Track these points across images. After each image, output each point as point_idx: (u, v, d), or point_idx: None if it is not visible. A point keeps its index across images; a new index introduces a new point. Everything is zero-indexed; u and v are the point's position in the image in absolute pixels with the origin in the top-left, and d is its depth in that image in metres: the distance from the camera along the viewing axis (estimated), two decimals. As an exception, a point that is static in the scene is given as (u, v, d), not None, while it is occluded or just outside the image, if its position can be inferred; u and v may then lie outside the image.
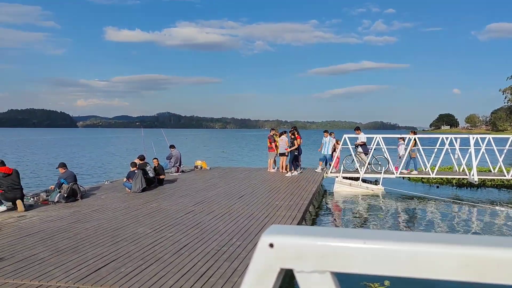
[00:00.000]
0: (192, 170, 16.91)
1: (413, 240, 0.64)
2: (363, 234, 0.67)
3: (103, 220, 7.88)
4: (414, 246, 0.63)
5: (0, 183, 8.71)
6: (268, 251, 0.69)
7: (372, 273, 0.65)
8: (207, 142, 78.40)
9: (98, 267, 5.22)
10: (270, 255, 0.68)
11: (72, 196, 9.87)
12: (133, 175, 11.35)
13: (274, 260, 0.68)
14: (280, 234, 0.69)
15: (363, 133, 16.56)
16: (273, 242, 0.68)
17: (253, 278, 0.70)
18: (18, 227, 7.41)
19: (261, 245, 0.69)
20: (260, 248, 0.69)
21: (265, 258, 0.69)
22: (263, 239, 0.69)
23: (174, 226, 7.38)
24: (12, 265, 5.29)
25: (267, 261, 0.69)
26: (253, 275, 0.70)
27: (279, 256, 0.68)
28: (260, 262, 0.69)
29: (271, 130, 17.31)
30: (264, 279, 0.69)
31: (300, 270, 0.67)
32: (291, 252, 0.68)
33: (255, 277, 0.70)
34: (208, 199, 10.19)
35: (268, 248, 0.69)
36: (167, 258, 5.58)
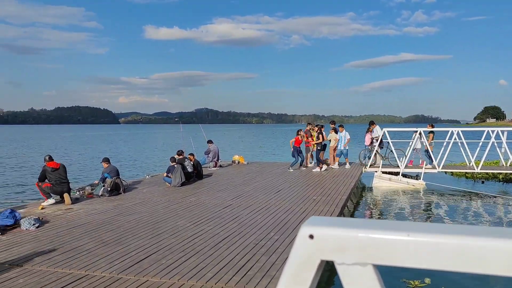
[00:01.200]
0: (230, 165, 17.07)
1: (460, 233, 0.61)
2: (407, 227, 0.65)
3: (145, 213, 8.11)
4: (461, 239, 0.61)
5: (49, 177, 9.13)
6: (308, 242, 0.68)
7: (416, 266, 0.63)
8: (244, 137, 78.86)
9: (140, 258, 5.39)
10: (310, 246, 0.68)
11: (115, 190, 10.22)
12: (172, 170, 11.60)
13: (314, 252, 0.68)
14: (320, 225, 0.69)
15: (378, 127, 16.43)
16: (313, 233, 0.68)
17: (293, 269, 0.70)
18: (66, 219, 7.76)
19: (301, 236, 0.69)
20: (300, 239, 0.69)
21: (305, 249, 0.68)
22: (303, 230, 0.69)
23: (212, 220, 7.49)
24: (61, 255, 5.55)
25: (307, 252, 0.68)
26: (293, 266, 0.70)
27: (319, 247, 0.67)
28: (300, 253, 0.69)
29: (307, 124, 17.17)
30: (304, 270, 0.69)
31: (341, 262, 0.66)
32: (331, 243, 0.67)
33: (295, 268, 0.69)
34: (245, 194, 10.27)
35: (308, 239, 0.68)
36: (206, 251, 5.68)
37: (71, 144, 53.74)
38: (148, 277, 4.74)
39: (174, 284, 4.53)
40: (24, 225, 6.97)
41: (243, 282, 4.52)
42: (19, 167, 25.39)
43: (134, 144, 54.09)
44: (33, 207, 8.89)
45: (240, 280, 4.59)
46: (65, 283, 4.60)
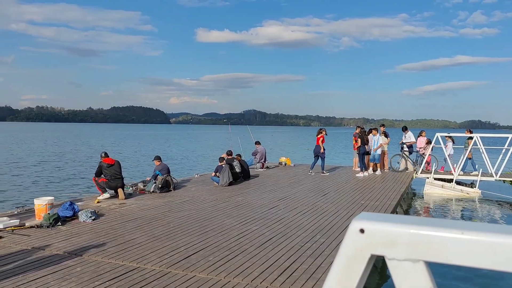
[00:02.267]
0: (277, 167, 17.11)
1: None
2: (461, 225, 0.65)
3: (193, 211, 8.33)
4: None
5: (105, 173, 9.60)
6: (358, 237, 0.70)
7: (469, 265, 0.63)
8: (291, 139, 78.63)
9: (189, 254, 5.54)
10: (361, 240, 0.69)
11: (165, 187, 10.56)
12: (221, 170, 11.81)
13: (365, 246, 0.69)
14: (371, 220, 0.70)
15: (411, 133, 16.24)
16: (364, 228, 0.69)
17: (343, 262, 0.71)
18: (120, 213, 8.12)
19: (351, 230, 0.70)
20: (350, 233, 0.71)
21: (356, 243, 0.70)
22: (353, 224, 0.71)
23: (259, 220, 7.56)
24: (114, 247, 5.83)
25: (357, 246, 0.70)
26: (343, 259, 0.71)
27: (370, 242, 0.69)
28: (350, 247, 0.70)
29: (357, 128, 16.84)
30: (354, 264, 0.70)
31: (392, 258, 0.67)
32: (382, 238, 0.68)
33: (345, 261, 0.71)
34: (292, 195, 10.26)
35: (359, 233, 0.70)
36: (252, 250, 5.74)
37: (126, 142, 56.08)
38: (195, 272, 4.87)
39: (220, 281, 4.62)
40: (81, 217, 7.38)
41: (288, 283, 4.54)
42: (79, 162, 26.89)
43: (184, 144, 55.55)
44: (89, 200, 9.38)
45: (285, 281, 4.60)
46: (118, 273, 4.82)
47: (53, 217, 7.01)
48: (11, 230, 6.62)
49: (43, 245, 5.91)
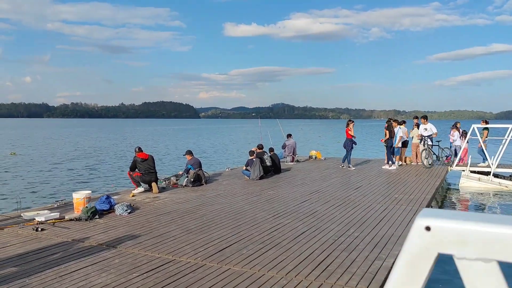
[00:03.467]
0: (307, 160, 17.00)
1: None
2: None
3: (226, 204, 8.40)
4: None
5: (139, 167, 9.81)
6: (424, 234, 0.67)
7: None
8: (321, 132, 77.96)
9: (222, 247, 5.60)
10: (427, 238, 0.67)
11: (197, 181, 10.69)
12: (251, 163, 11.85)
13: (431, 244, 0.67)
14: (438, 217, 0.67)
15: (431, 124, 15.14)
16: (430, 225, 0.67)
17: (408, 261, 0.69)
18: (154, 206, 8.29)
19: (416, 227, 0.68)
20: (415, 231, 0.68)
21: (422, 241, 0.67)
22: (418, 221, 0.68)
23: (291, 214, 7.54)
24: (150, 240, 5.96)
25: (423, 244, 0.67)
26: (408, 258, 0.69)
27: (437, 240, 0.66)
28: (415, 245, 0.68)
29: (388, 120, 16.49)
30: (420, 263, 0.68)
31: (462, 257, 0.65)
32: (451, 236, 0.65)
33: (410, 260, 0.69)
34: (323, 189, 10.18)
35: (424, 231, 0.67)
36: (286, 244, 5.74)
37: (158, 137, 57.13)
38: (230, 265, 4.92)
39: (254, 274, 4.65)
40: (118, 210, 7.58)
41: (323, 277, 4.51)
42: (115, 156, 27.61)
43: (214, 138, 56.05)
44: (125, 194, 9.61)
45: (320, 275, 4.58)
46: (155, 265, 4.93)
47: (91, 210, 7.23)
48: (52, 223, 6.87)
49: (82, 237, 6.11)
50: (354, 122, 14.77)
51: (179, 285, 4.33)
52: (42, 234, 6.27)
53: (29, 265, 4.96)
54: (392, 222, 6.94)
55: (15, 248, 5.61)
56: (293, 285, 4.32)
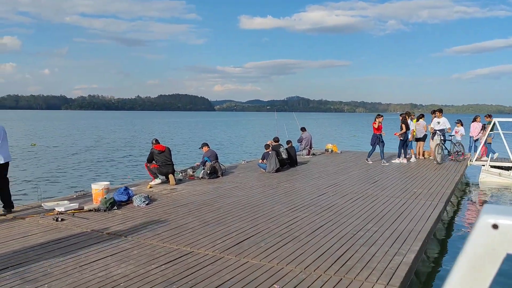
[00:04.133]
0: (323, 153, 16.88)
1: None
2: None
3: (242, 197, 8.38)
4: None
5: (156, 159, 9.85)
6: (491, 233, 0.61)
7: None
8: (337, 125, 77.39)
9: (240, 240, 5.58)
10: (495, 237, 0.61)
11: (214, 173, 10.70)
12: (267, 156, 11.81)
13: (499, 244, 0.61)
14: (506, 214, 0.61)
15: (445, 118, 14.67)
16: (497, 223, 0.61)
17: (472, 262, 0.63)
18: (171, 198, 8.32)
19: (482, 225, 0.62)
20: (480, 229, 0.62)
21: (488, 240, 0.61)
22: (483, 218, 0.62)
23: (308, 207, 7.48)
24: (167, 232, 5.98)
25: (489, 244, 0.61)
26: (471, 259, 0.63)
27: (506, 239, 0.60)
28: (480, 244, 0.62)
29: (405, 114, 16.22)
30: (486, 263, 0.62)
31: None
32: None
33: (474, 261, 0.63)
34: (340, 183, 10.08)
35: (491, 229, 0.61)
36: (304, 237, 5.69)
37: (174, 129, 57.48)
38: (248, 258, 4.90)
39: (273, 267, 4.62)
40: (136, 201, 7.63)
41: (343, 272, 4.46)
42: (132, 148, 27.87)
43: (229, 130, 56.14)
44: (142, 185, 9.68)
45: (339, 270, 4.53)
46: (173, 257, 4.94)
47: (110, 201, 7.29)
48: (72, 213, 6.95)
49: (101, 228, 6.16)
50: (383, 117, 14.15)
51: (197, 277, 4.33)
52: (62, 224, 6.35)
53: (50, 254, 5.02)
54: (412, 217, 6.83)
55: (36, 238, 5.69)
56: (312, 280, 4.28)
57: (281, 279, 4.27)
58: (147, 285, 4.12)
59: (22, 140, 34.70)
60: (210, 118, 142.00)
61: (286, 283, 4.17)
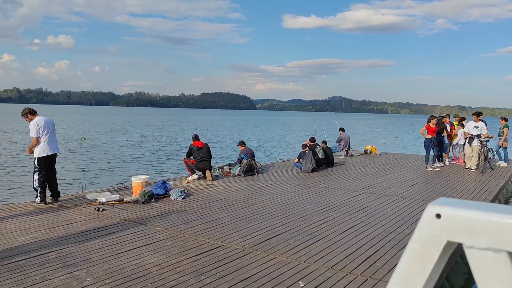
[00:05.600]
0: (361, 155, 16.65)
1: None
2: None
3: (276, 195, 8.48)
4: None
5: (194, 155, 10.14)
6: (434, 222, 0.68)
7: None
8: (379, 127, 75.72)
9: (270, 236, 5.68)
10: (437, 226, 0.68)
11: (250, 170, 10.86)
12: (304, 156, 11.83)
13: (441, 232, 0.67)
14: (449, 205, 0.68)
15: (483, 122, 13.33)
16: (440, 213, 0.67)
17: (417, 247, 0.70)
18: (207, 193, 8.55)
19: (427, 214, 0.69)
20: (425, 218, 0.69)
21: (431, 228, 0.68)
22: (429, 208, 0.69)
23: (341, 208, 7.47)
24: (201, 225, 6.18)
25: (433, 231, 0.68)
26: (417, 245, 0.70)
27: (447, 227, 0.67)
28: (425, 232, 0.69)
29: (451, 116, 15.71)
30: (429, 249, 0.69)
31: (471, 246, 0.65)
32: (461, 225, 0.65)
33: (419, 247, 0.70)
34: (376, 184, 9.95)
35: (435, 218, 0.68)
36: (333, 237, 5.71)
37: (215, 127, 58.42)
38: (276, 254, 4.99)
39: (300, 264, 4.69)
40: (173, 195, 7.91)
41: (370, 272, 4.46)
42: (173, 143, 28.68)
43: (268, 129, 56.33)
44: (180, 180, 9.99)
45: (366, 270, 4.53)
46: (204, 250, 5.12)
47: (148, 194, 7.60)
48: (112, 204, 7.32)
49: (139, 219, 6.46)
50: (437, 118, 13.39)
51: (226, 270, 4.48)
52: (103, 214, 6.70)
53: (90, 241, 5.34)
54: (447, 222, 6.66)
55: (78, 225, 6.06)
56: (338, 278, 4.31)
57: (306, 276, 4.33)
58: (177, 275, 4.31)
59: (73, 134, 36.54)
60: (250, 116, 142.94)
61: (311, 280, 4.23)
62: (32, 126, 7.27)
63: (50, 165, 7.49)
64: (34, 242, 5.28)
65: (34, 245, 5.16)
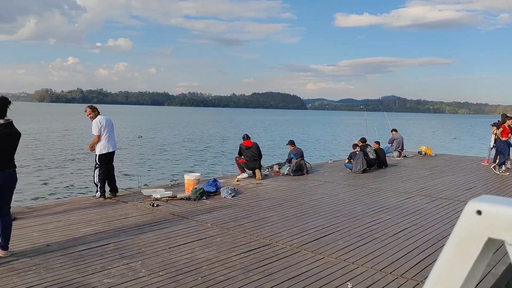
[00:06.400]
0: (415, 156, 16.08)
1: None
2: None
3: (325, 195, 8.41)
4: None
5: (244, 154, 10.29)
6: (475, 218, 0.68)
7: None
8: (435, 127, 72.60)
9: (318, 236, 5.67)
10: (477, 222, 0.68)
11: (299, 170, 10.84)
12: (354, 156, 11.63)
13: (481, 229, 0.67)
14: (491, 202, 0.68)
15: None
16: (481, 209, 0.67)
17: (457, 244, 0.70)
18: (256, 192, 8.66)
19: (467, 211, 0.69)
20: (466, 214, 0.69)
21: (471, 225, 0.68)
22: (470, 205, 0.69)
23: (392, 210, 7.28)
24: (250, 223, 6.27)
25: (473, 228, 0.68)
26: (457, 242, 0.70)
27: (488, 224, 0.67)
28: (465, 228, 0.69)
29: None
30: (469, 246, 0.69)
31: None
32: (503, 222, 0.65)
33: (459, 243, 0.70)
34: (431, 187, 9.58)
35: (475, 215, 0.68)
36: (384, 239, 5.59)
37: (266, 126, 58.74)
38: (324, 254, 4.97)
39: (348, 265, 4.64)
40: (223, 193, 8.08)
41: (421, 276, 4.33)
42: (225, 142, 29.23)
43: (318, 129, 55.78)
44: (230, 178, 10.18)
45: (417, 274, 4.41)
46: (253, 247, 5.20)
47: (199, 191, 7.83)
48: (166, 200, 7.61)
49: (190, 215, 6.67)
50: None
51: (274, 268, 4.53)
52: (157, 209, 6.99)
53: (145, 235, 5.60)
54: (508, 228, 6.30)
55: (134, 219, 6.36)
56: (387, 281, 4.23)
57: (355, 278, 4.29)
58: (226, 270, 4.42)
59: (130, 132, 38.22)
60: (301, 116, 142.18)
61: (360, 282, 4.18)
62: (95, 124, 7.71)
63: (109, 162, 7.90)
64: (94, 234, 5.62)
65: (94, 236, 5.50)
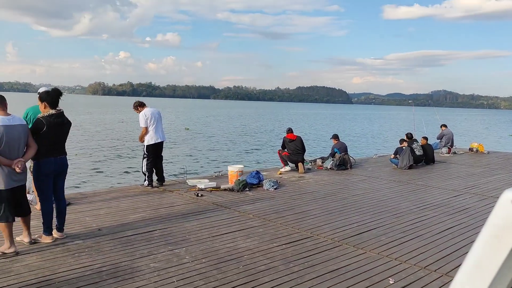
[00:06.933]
0: (466, 153, 15.42)
1: None
2: None
3: (369, 190, 8.29)
4: None
5: (287, 147, 10.32)
6: (510, 207, 0.69)
7: None
8: (489, 123, 69.02)
9: (360, 231, 5.62)
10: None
11: (343, 164, 10.73)
12: (400, 152, 11.34)
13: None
14: None
15: None
16: None
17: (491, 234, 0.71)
18: (298, 185, 8.67)
19: (503, 199, 0.69)
20: (501, 204, 0.70)
21: (506, 214, 0.69)
22: (505, 194, 0.70)
23: (439, 207, 7.07)
24: (291, 216, 6.32)
25: (508, 218, 0.69)
26: (493, 228, 0.71)
27: None
28: (500, 217, 0.70)
29: None
30: (503, 236, 0.69)
31: None
32: None
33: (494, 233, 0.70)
34: (481, 185, 9.19)
35: (511, 204, 0.69)
36: (429, 236, 5.46)
37: (311, 120, 58.33)
38: (366, 249, 4.93)
39: (391, 261, 4.59)
40: (265, 185, 8.17)
41: (467, 276, 4.20)
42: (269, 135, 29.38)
43: (364, 124, 54.64)
44: (273, 171, 10.25)
45: (463, 273, 4.27)
46: (294, 239, 5.25)
47: (242, 183, 7.96)
48: (210, 190, 7.80)
49: (233, 206, 6.80)
50: None
51: (315, 260, 4.56)
52: (201, 199, 7.19)
53: (189, 223, 5.78)
54: None
55: (179, 208, 6.58)
56: (431, 279, 4.15)
57: (397, 274, 4.23)
58: (267, 260, 4.50)
59: (178, 124, 39.28)
60: (346, 110, 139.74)
61: (402, 278, 4.13)
62: (141, 117, 8.01)
63: (158, 152, 8.19)
64: (142, 220, 5.87)
65: (142, 223, 5.75)
